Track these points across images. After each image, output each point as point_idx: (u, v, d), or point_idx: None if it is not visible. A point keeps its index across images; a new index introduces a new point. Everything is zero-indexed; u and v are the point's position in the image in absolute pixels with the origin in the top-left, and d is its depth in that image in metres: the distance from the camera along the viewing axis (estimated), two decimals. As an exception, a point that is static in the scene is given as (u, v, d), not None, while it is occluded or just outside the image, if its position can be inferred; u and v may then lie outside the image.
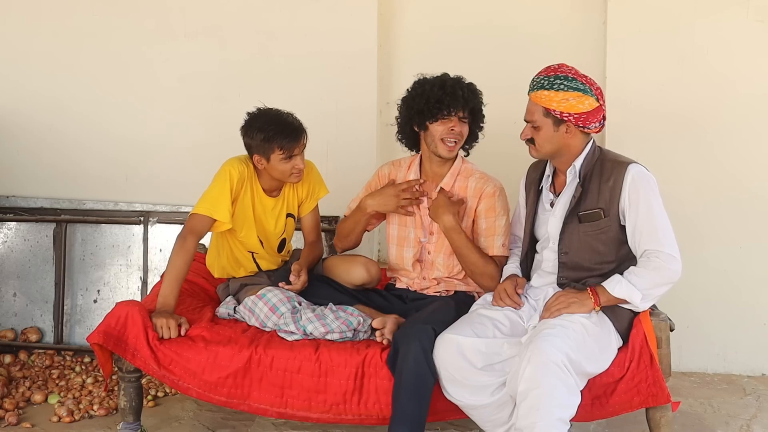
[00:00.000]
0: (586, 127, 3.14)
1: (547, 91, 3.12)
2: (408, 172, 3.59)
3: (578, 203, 3.15)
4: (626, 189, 3.08)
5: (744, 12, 4.21)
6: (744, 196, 4.27)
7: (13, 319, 4.72)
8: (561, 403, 2.85)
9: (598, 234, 3.13)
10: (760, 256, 4.28)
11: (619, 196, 3.09)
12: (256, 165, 3.57)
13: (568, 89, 3.10)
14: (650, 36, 4.29)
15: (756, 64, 4.24)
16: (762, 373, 4.35)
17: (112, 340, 3.30)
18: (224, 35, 4.64)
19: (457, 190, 3.50)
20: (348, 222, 3.67)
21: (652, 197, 3.08)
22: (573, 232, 3.16)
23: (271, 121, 3.51)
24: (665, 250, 3.02)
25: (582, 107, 3.10)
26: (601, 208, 3.12)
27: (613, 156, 3.22)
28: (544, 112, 3.14)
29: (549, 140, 3.16)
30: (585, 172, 3.17)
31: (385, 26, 4.61)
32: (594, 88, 3.14)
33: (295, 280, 3.54)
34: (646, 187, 3.09)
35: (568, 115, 3.10)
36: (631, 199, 3.08)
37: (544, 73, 3.18)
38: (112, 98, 4.73)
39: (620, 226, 3.12)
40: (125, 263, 4.70)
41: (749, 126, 4.25)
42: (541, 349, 2.86)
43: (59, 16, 4.72)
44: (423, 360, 3.08)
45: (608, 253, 3.14)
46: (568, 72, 3.14)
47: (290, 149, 3.47)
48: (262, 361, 3.24)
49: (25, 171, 4.79)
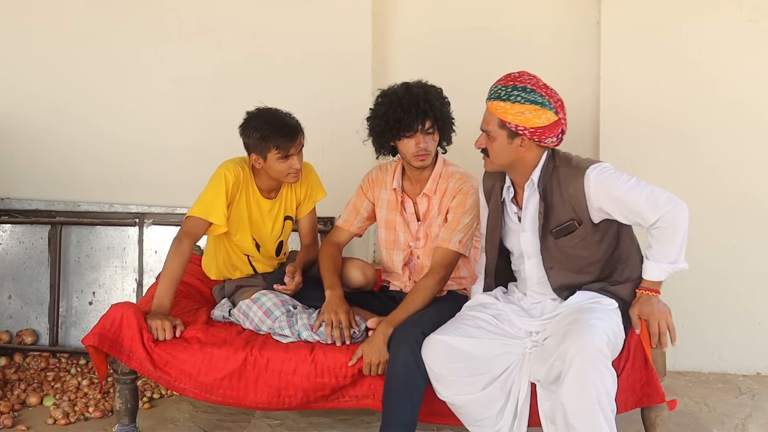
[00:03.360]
0: (542, 141, 3.02)
1: (503, 102, 3.00)
2: (392, 180, 3.58)
3: (547, 219, 3.07)
4: (591, 194, 2.99)
5: (737, 11, 4.21)
6: (738, 195, 4.27)
7: (8, 321, 4.71)
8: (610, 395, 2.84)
9: (577, 243, 3.07)
10: (754, 256, 4.28)
11: (587, 203, 3.01)
12: (254, 164, 3.57)
13: (525, 102, 2.98)
14: (644, 36, 4.30)
15: (749, 63, 4.24)
16: (757, 372, 4.35)
17: (108, 342, 3.29)
18: (219, 37, 4.64)
19: (438, 193, 3.49)
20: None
21: (620, 182, 2.98)
22: (552, 248, 3.09)
23: (268, 120, 3.52)
24: (663, 210, 2.93)
25: (538, 121, 2.98)
26: (572, 219, 3.04)
27: (566, 162, 3.09)
28: (499, 124, 3.03)
29: (502, 152, 3.06)
30: (543, 185, 3.07)
31: (379, 28, 4.62)
32: (554, 100, 3.01)
33: (289, 282, 3.54)
34: (608, 180, 2.98)
35: (524, 129, 2.99)
36: (602, 198, 2.99)
37: (503, 83, 3.06)
38: (107, 100, 4.73)
39: (595, 225, 3.05)
40: (120, 265, 4.70)
41: (743, 125, 4.25)
42: (587, 340, 2.82)
43: (54, 17, 4.72)
44: (413, 363, 3.09)
45: (591, 255, 3.10)
46: (528, 82, 3.01)
47: (286, 148, 3.48)
48: (257, 363, 3.24)
49: (20, 173, 4.79)
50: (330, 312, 3.34)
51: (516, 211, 3.19)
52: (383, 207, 3.61)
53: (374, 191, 3.64)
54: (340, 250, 3.68)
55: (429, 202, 3.51)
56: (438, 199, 3.49)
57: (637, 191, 2.96)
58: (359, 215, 3.68)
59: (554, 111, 3.00)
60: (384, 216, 3.61)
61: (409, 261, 3.61)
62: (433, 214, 3.51)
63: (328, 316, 3.33)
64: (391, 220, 3.59)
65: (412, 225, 3.56)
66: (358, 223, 3.69)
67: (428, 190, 3.50)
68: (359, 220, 3.68)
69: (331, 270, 3.54)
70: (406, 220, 3.57)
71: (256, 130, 3.50)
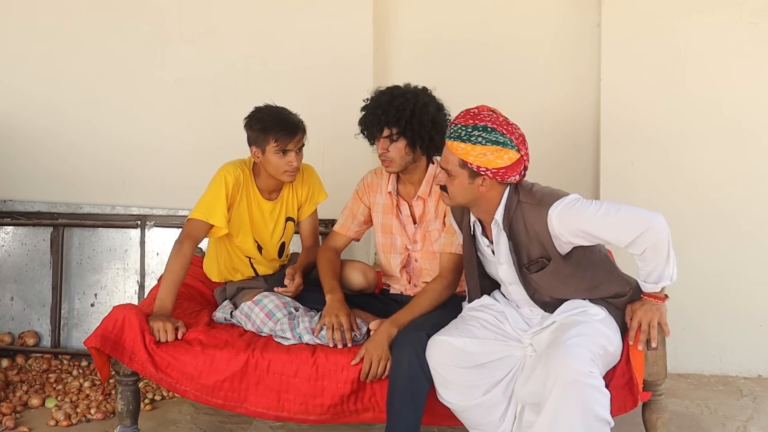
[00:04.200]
0: (504, 180, 2.97)
1: (464, 143, 2.93)
2: (387, 184, 3.58)
3: (518, 256, 3.03)
4: (555, 231, 2.94)
5: (737, 14, 4.22)
6: (737, 197, 4.27)
7: (11, 323, 4.72)
8: (597, 412, 2.80)
9: (551, 277, 3.04)
10: (755, 258, 4.28)
11: (553, 240, 2.96)
12: (254, 158, 3.60)
13: (487, 143, 2.90)
14: (644, 38, 4.30)
15: (750, 66, 4.25)
16: (758, 374, 4.35)
17: (110, 343, 3.30)
18: (221, 39, 4.65)
19: (432, 195, 3.48)
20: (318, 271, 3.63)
21: (585, 216, 2.91)
22: (530, 280, 3.07)
23: (271, 113, 3.57)
24: (638, 232, 2.85)
25: (500, 162, 2.92)
26: (542, 257, 3.00)
27: (530, 196, 3.01)
28: (460, 164, 2.96)
29: (463, 192, 3.00)
30: (509, 223, 3.02)
31: (380, 31, 4.62)
32: (515, 137, 2.93)
33: (289, 284, 3.55)
34: (573, 217, 2.92)
35: (485, 170, 2.93)
36: (566, 235, 2.94)
37: (462, 121, 2.97)
38: (109, 102, 4.74)
39: (566, 258, 3.00)
40: (122, 267, 4.70)
41: (743, 128, 4.26)
42: (566, 365, 2.77)
43: (56, 20, 4.73)
44: (417, 365, 3.09)
45: (568, 285, 3.06)
46: (488, 121, 2.93)
47: (284, 142, 3.50)
48: (259, 365, 3.24)
49: (22, 175, 4.80)
50: (331, 315, 3.34)
51: (488, 245, 3.15)
52: (379, 211, 3.61)
53: (370, 195, 3.64)
54: (338, 255, 3.67)
55: (424, 205, 3.51)
56: (434, 202, 3.49)
57: (605, 223, 2.90)
58: (356, 220, 3.67)
59: (516, 149, 2.93)
60: (380, 220, 3.61)
61: (407, 264, 3.60)
62: (429, 217, 3.50)
63: (329, 320, 3.33)
64: (387, 224, 3.59)
65: (409, 228, 3.56)
66: (355, 228, 3.69)
67: (422, 193, 3.49)
68: (356, 225, 3.68)
69: (330, 274, 3.54)
70: (403, 223, 3.57)
71: (258, 121, 3.55)
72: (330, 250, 3.65)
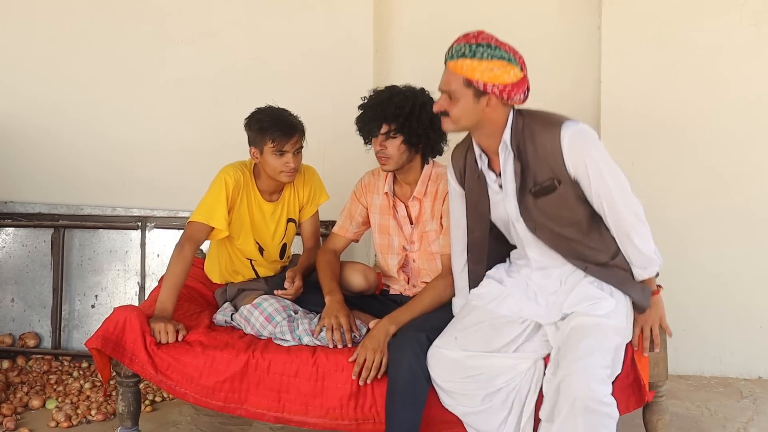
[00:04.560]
0: (510, 99, 2.87)
1: (469, 59, 2.84)
2: (384, 184, 3.58)
3: (524, 179, 2.92)
4: (567, 156, 2.84)
5: (738, 15, 4.23)
6: (738, 199, 4.28)
7: (11, 324, 4.73)
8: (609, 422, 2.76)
9: (558, 203, 2.91)
10: (755, 259, 4.29)
11: (564, 163, 2.85)
12: (253, 158, 3.61)
13: (493, 58, 2.83)
14: (645, 39, 4.31)
15: (750, 67, 4.26)
16: (758, 375, 4.36)
17: (111, 344, 3.30)
18: (221, 40, 4.66)
19: (428, 195, 3.48)
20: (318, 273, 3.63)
21: (599, 159, 2.86)
22: (531, 209, 2.95)
23: (270, 113, 3.59)
24: (631, 223, 2.90)
25: (507, 78, 2.84)
26: (551, 178, 2.89)
27: (541, 118, 2.94)
28: (465, 83, 2.86)
29: (467, 114, 2.89)
30: (517, 143, 2.92)
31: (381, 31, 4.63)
32: (517, 57, 2.88)
33: (289, 286, 3.55)
34: (586, 149, 2.85)
35: (492, 87, 2.83)
36: (577, 166, 2.85)
37: (464, 41, 2.89)
38: (109, 103, 4.75)
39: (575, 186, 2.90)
40: (123, 268, 4.71)
41: (743, 129, 4.27)
42: (581, 389, 2.71)
43: (57, 21, 4.74)
44: (417, 367, 3.08)
45: (573, 214, 2.93)
46: (491, 39, 2.87)
47: (281, 143, 3.51)
48: (259, 365, 3.24)
49: (23, 176, 4.80)
50: (330, 316, 3.34)
51: (495, 180, 3.04)
52: (376, 212, 3.61)
53: (367, 196, 3.65)
54: (337, 257, 3.68)
55: (420, 205, 3.51)
56: (430, 202, 3.49)
57: (608, 180, 2.87)
58: (354, 221, 3.68)
59: (519, 67, 2.89)
60: (377, 221, 3.61)
61: (405, 264, 3.60)
62: (426, 217, 3.50)
63: (328, 321, 3.33)
64: (384, 225, 3.59)
65: (406, 228, 3.56)
66: (354, 229, 3.69)
67: (418, 193, 3.49)
68: (354, 226, 3.69)
69: (329, 276, 3.54)
70: (399, 223, 3.57)
71: (257, 122, 3.57)
72: (329, 252, 3.66)
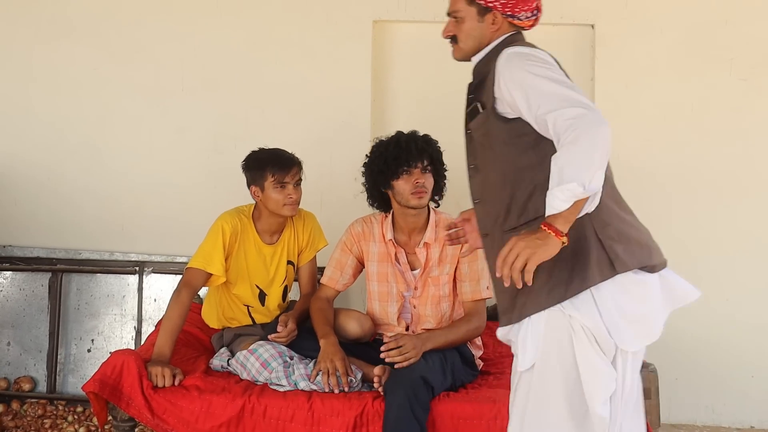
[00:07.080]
0: (515, 15, 2.64)
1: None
2: (383, 230, 3.60)
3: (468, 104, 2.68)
4: (498, 73, 2.52)
5: (728, 69, 4.33)
6: (730, 248, 4.34)
7: (7, 368, 4.72)
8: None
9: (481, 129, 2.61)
10: (747, 308, 4.33)
11: (494, 83, 2.53)
12: (254, 198, 3.66)
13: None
14: (637, 92, 4.41)
15: (740, 120, 4.35)
16: (750, 425, 4.37)
17: (108, 388, 3.31)
18: (221, 90, 4.70)
19: (437, 241, 3.53)
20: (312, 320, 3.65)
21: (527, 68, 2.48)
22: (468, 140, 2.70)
23: (267, 152, 3.71)
24: (567, 114, 2.36)
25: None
26: (479, 101, 2.62)
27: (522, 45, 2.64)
28: (468, 0, 2.68)
29: (472, 33, 2.68)
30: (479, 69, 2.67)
31: (378, 82, 4.69)
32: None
33: (282, 329, 3.55)
34: (515, 62, 2.51)
35: (494, 1, 2.63)
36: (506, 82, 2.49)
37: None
38: (109, 149, 4.78)
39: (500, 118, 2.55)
40: (120, 313, 4.72)
41: (734, 180, 4.34)
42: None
43: (58, 68, 4.78)
44: (407, 408, 3.10)
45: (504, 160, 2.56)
46: None
47: (282, 175, 3.59)
48: (255, 410, 3.26)
49: (22, 221, 4.82)
50: (326, 360, 3.36)
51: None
52: (374, 260, 3.62)
53: (361, 245, 3.66)
54: (330, 304, 3.68)
55: (428, 251, 3.55)
56: (438, 248, 3.53)
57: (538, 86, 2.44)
58: (344, 273, 3.69)
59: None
60: (376, 269, 3.62)
61: (403, 311, 3.62)
62: (432, 263, 3.54)
63: (324, 365, 3.35)
64: (383, 272, 3.61)
65: (407, 275, 3.59)
66: (343, 281, 3.70)
67: (428, 239, 3.54)
68: (344, 278, 3.69)
69: (323, 321, 3.56)
70: (400, 270, 3.60)
71: (255, 160, 3.68)
72: (321, 300, 3.67)
